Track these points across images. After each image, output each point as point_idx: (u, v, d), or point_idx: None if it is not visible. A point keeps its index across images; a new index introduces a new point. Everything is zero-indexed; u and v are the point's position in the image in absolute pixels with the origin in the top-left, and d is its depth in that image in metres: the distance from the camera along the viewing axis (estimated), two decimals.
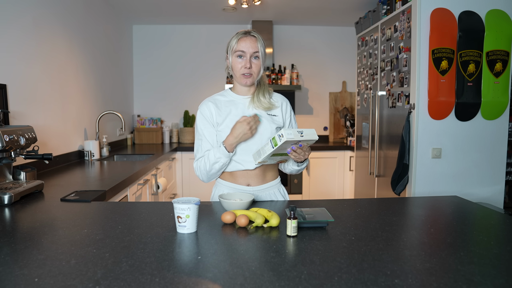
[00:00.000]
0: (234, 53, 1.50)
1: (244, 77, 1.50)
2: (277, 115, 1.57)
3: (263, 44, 1.51)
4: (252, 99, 1.55)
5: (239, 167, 1.54)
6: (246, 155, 1.52)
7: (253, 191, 1.56)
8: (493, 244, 1.08)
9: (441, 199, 1.64)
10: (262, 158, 1.40)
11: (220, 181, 1.61)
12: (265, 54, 1.53)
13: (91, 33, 3.23)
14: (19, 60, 2.16)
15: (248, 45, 1.48)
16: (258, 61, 1.50)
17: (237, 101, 1.57)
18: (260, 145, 1.50)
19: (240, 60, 1.49)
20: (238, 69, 1.50)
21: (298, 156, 1.40)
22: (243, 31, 1.51)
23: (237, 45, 1.49)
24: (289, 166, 1.59)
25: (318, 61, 4.59)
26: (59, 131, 2.61)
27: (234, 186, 1.57)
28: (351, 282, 0.81)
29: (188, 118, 4.42)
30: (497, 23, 2.43)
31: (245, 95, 1.58)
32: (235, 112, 1.54)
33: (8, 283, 0.81)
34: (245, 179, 1.57)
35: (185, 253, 0.99)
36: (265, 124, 1.53)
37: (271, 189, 1.60)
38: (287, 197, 1.66)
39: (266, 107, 1.55)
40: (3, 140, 1.47)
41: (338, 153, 4.08)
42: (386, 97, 2.91)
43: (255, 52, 1.49)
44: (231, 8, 3.79)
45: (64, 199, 1.57)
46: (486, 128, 2.52)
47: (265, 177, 1.59)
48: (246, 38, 1.49)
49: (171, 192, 3.60)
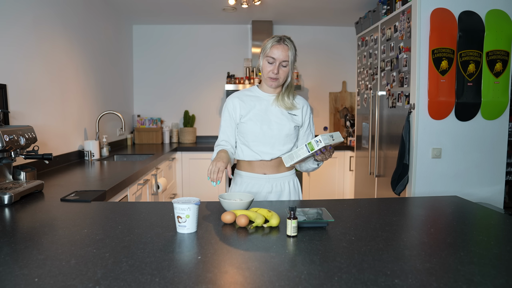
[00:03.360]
0: (265, 57, 1.60)
1: (270, 80, 1.62)
2: (297, 115, 1.69)
3: (294, 53, 1.60)
4: (276, 98, 1.67)
5: (257, 157, 1.66)
6: (264, 146, 1.65)
7: (268, 178, 1.68)
8: (493, 244, 1.08)
9: (441, 199, 1.64)
10: (295, 161, 1.48)
11: (238, 171, 1.74)
12: (294, 60, 1.62)
13: (91, 33, 3.23)
14: (19, 60, 2.15)
15: (279, 53, 1.57)
16: (286, 68, 1.61)
17: (262, 98, 1.69)
18: (278, 139, 1.64)
19: (269, 65, 1.59)
20: (267, 72, 1.61)
21: (325, 157, 1.51)
22: (278, 37, 1.59)
23: (270, 51, 1.58)
24: (307, 165, 1.68)
25: (318, 61, 4.59)
26: (59, 131, 2.61)
27: (252, 175, 1.70)
28: (351, 282, 0.81)
29: (188, 118, 4.42)
30: (497, 23, 2.43)
31: (270, 93, 1.69)
32: (259, 107, 1.67)
33: (8, 283, 0.81)
34: (262, 169, 1.69)
35: (185, 253, 0.99)
36: (285, 121, 1.65)
37: (285, 178, 1.71)
38: (300, 190, 1.76)
39: (288, 107, 1.66)
40: (3, 140, 1.47)
41: (338, 153, 4.08)
42: (386, 97, 2.91)
43: (284, 61, 1.58)
44: (231, 8, 3.79)
45: (64, 199, 1.57)
46: (486, 128, 2.52)
47: (279, 167, 1.70)
48: (279, 46, 1.57)
49: (171, 192, 3.60)
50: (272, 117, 1.65)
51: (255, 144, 1.65)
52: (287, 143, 1.66)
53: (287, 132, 1.64)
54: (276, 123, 1.64)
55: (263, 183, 1.68)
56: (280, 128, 1.64)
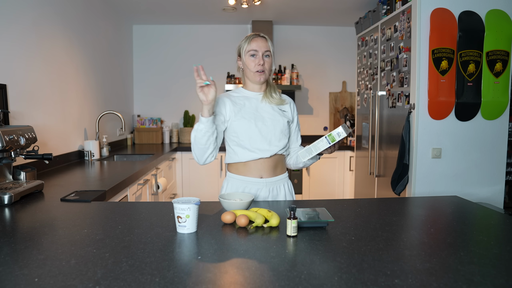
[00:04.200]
0: (247, 53, 1.59)
1: (258, 74, 1.60)
2: (287, 111, 1.69)
3: (272, 45, 1.64)
4: (264, 95, 1.66)
5: (254, 156, 1.60)
6: (261, 143, 1.60)
7: (265, 182, 1.63)
8: (493, 244, 1.08)
9: (441, 199, 1.64)
10: (313, 155, 1.47)
11: (231, 175, 1.66)
12: (274, 54, 1.64)
13: (91, 33, 3.23)
14: (19, 60, 2.15)
15: (260, 45, 1.58)
16: (269, 59, 1.61)
17: (250, 97, 1.66)
18: (274, 134, 1.61)
19: (253, 59, 1.59)
20: (252, 67, 1.59)
21: (333, 150, 1.49)
22: (252, 34, 1.62)
23: (249, 46, 1.59)
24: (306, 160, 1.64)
25: (318, 61, 4.59)
26: (59, 131, 2.61)
27: (247, 179, 1.63)
28: (351, 282, 0.81)
29: (188, 118, 4.42)
30: (497, 23, 2.43)
31: (257, 92, 1.68)
32: (249, 105, 1.64)
33: (8, 283, 0.81)
34: (258, 171, 1.63)
35: (185, 253, 0.99)
36: (278, 117, 1.64)
37: (280, 182, 1.68)
38: (293, 192, 1.74)
39: (278, 102, 1.66)
40: (3, 140, 1.47)
41: (338, 153, 4.08)
42: (386, 97, 2.91)
43: (267, 51, 1.59)
44: (231, 8, 3.79)
45: (64, 199, 1.57)
46: (486, 128, 2.52)
47: (276, 169, 1.67)
48: (257, 38, 1.60)
49: (171, 192, 3.60)
50: (264, 113, 1.62)
51: (251, 142, 1.59)
52: (282, 139, 1.63)
53: (281, 127, 1.63)
54: (270, 119, 1.62)
55: (260, 188, 1.62)
56: (274, 124, 1.62)
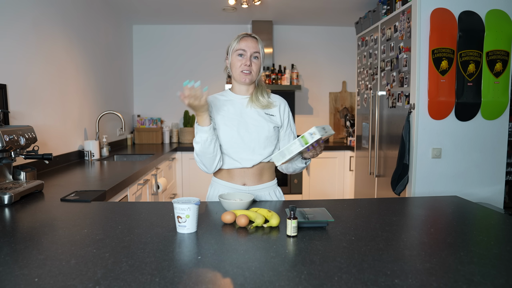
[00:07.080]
0: (234, 52, 1.52)
1: (243, 74, 1.52)
2: (274, 115, 1.58)
3: (263, 46, 1.56)
4: (250, 99, 1.57)
5: (236, 165, 1.55)
6: (244, 152, 1.54)
7: (248, 190, 1.57)
8: (493, 244, 1.08)
9: (441, 199, 1.64)
10: (287, 158, 1.36)
11: (216, 179, 1.62)
12: (264, 56, 1.56)
13: (91, 33, 3.23)
14: (19, 60, 2.15)
15: (249, 45, 1.51)
16: (258, 61, 1.54)
17: (235, 100, 1.59)
18: (258, 142, 1.53)
19: (240, 58, 1.52)
20: (238, 67, 1.52)
21: (316, 153, 1.41)
22: (243, 33, 1.55)
23: (238, 45, 1.52)
24: (294, 165, 1.57)
25: (318, 61, 4.59)
26: (59, 131, 2.61)
27: (230, 185, 1.58)
28: (351, 282, 0.81)
29: (188, 118, 4.42)
30: (497, 23, 2.43)
31: (243, 95, 1.60)
32: (233, 110, 1.56)
33: (8, 283, 0.81)
34: (242, 178, 1.57)
35: (185, 253, 0.99)
36: (263, 122, 1.54)
37: (266, 190, 1.60)
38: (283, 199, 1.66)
39: (264, 105, 1.56)
40: (3, 140, 1.47)
41: (338, 153, 4.08)
42: (386, 97, 2.91)
43: (256, 52, 1.52)
44: (231, 8, 3.79)
45: (64, 199, 1.57)
46: (486, 128, 2.52)
47: (262, 177, 1.59)
48: (247, 38, 1.53)
49: (171, 192, 3.60)
50: (249, 119, 1.54)
51: (233, 151, 1.53)
52: (267, 146, 1.55)
53: (266, 134, 1.53)
54: (254, 126, 1.53)
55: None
56: (258, 131, 1.52)
